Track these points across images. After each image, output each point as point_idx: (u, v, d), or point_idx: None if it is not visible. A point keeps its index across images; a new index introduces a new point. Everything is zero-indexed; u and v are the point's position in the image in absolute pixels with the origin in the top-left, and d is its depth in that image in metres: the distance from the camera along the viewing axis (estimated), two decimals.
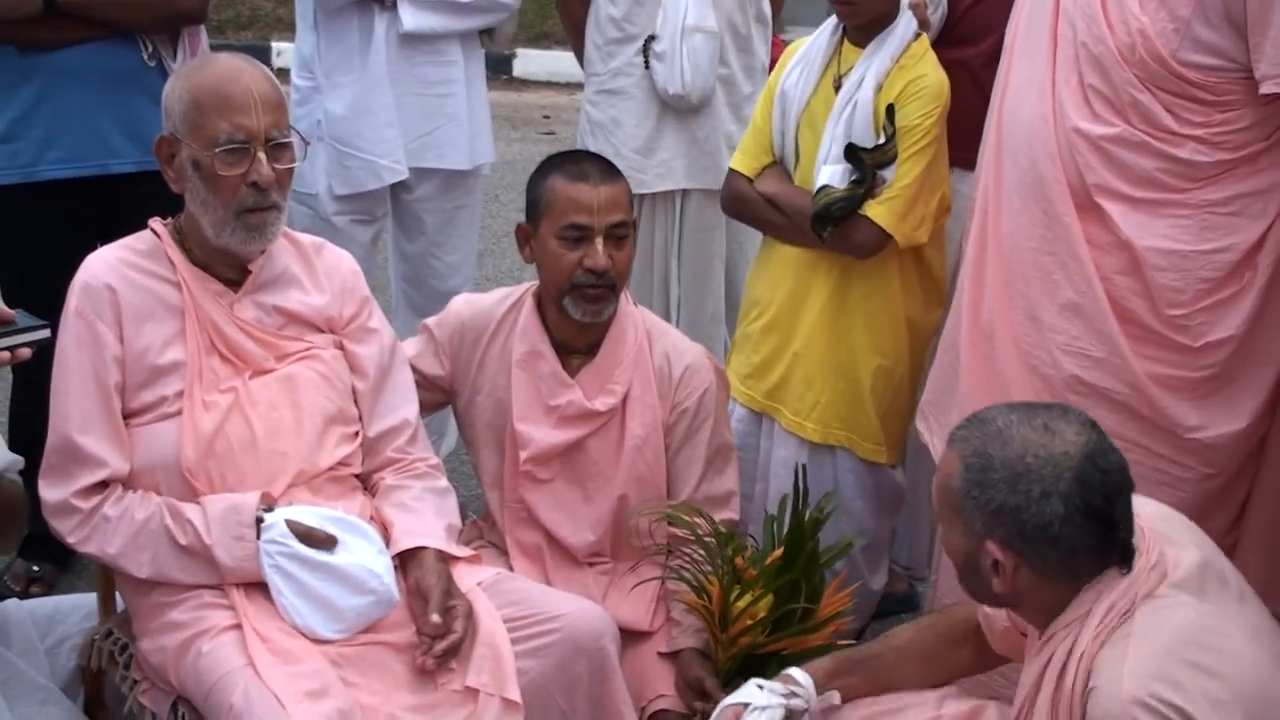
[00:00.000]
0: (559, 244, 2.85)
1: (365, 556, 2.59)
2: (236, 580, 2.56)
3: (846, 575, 2.95)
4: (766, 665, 2.70)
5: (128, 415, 2.61)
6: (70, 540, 2.59)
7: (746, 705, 2.45)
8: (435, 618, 2.56)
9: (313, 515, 2.59)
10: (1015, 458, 2.12)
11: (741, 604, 2.72)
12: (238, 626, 2.52)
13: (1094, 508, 2.11)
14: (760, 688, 2.47)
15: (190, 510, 2.57)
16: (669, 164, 3.94)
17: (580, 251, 2.83)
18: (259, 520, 2.55)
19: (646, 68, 3.86)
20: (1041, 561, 2.13)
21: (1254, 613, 2.20)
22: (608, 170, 2.90)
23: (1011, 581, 2.15)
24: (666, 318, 3.95)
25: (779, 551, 2.78)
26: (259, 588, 2.57)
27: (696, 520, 2.79)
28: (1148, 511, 2.23)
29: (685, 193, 4.00)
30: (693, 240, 4.02)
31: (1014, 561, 2.13)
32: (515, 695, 2.54)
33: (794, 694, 2.47)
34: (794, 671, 2.49)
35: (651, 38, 3.84)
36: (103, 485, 2.58)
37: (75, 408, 2.57)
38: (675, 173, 3.96)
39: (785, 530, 2.82)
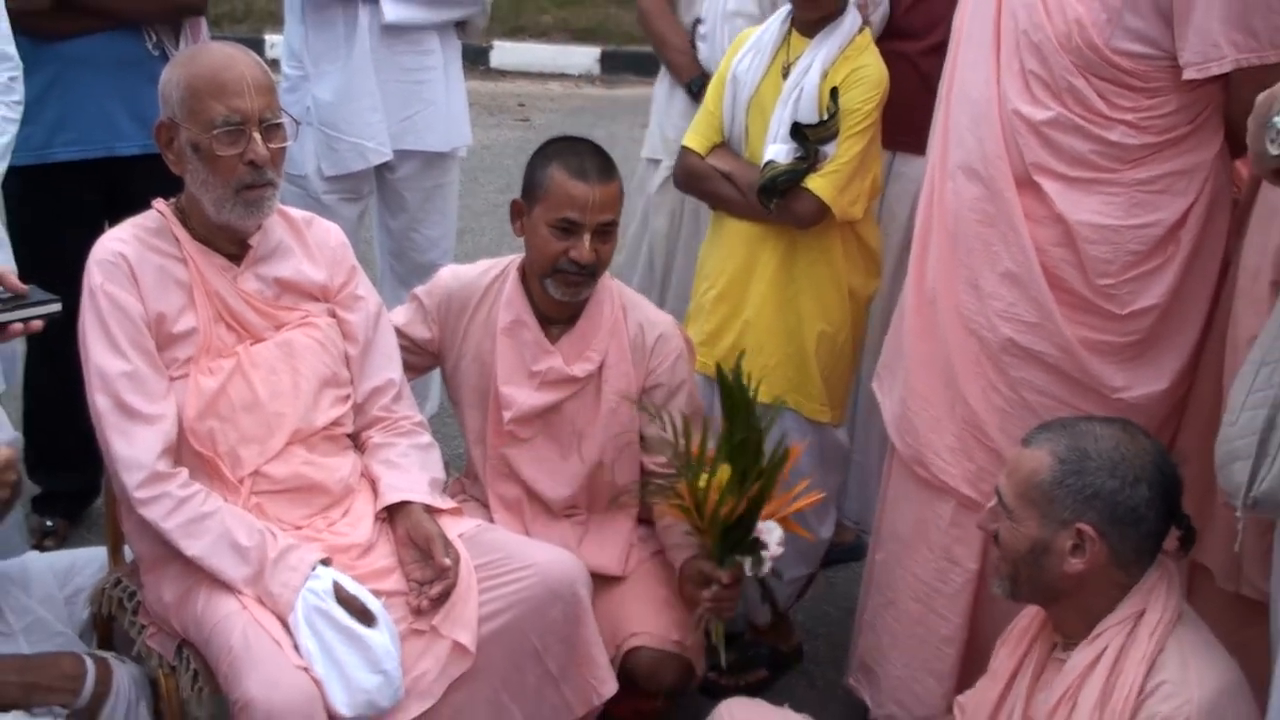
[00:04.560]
0: (549, 231, 2.93)
1: (387, 639, 2.61)
2: (262, 600, 2.60)
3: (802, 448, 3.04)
4: (749, 528, 2.85)
5: None
6: (136, 495, 2.60)
7: None
8: (447, 560, 2.67)
9: (361, 591, 2.64)
10: (1110, 449, 2.35)
11: (703, 483, 2.83)
12: None
13: (1169, 494, 2.36)
14: None
15: (260, 523, 2.66)
16: None
17: (568, 243, 2.91)
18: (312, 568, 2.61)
19: (693, 48, 3.95)
20: (1121, 543, 2.34)
21: None
22: (606, 168, 2.95)
23: (1089, 561, 2.33)
24: None
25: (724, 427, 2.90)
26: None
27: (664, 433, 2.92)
28: None
29: None
30: None
31: (1098, 542, 2.33)
32: (467, 641, 2.66)
33: None
34: None
35: (698, 21, 3.92)
36: (171, 451, 2.64)
37: (119, 371, 2.62)
38: None
39: (728, 402, 2.90)
